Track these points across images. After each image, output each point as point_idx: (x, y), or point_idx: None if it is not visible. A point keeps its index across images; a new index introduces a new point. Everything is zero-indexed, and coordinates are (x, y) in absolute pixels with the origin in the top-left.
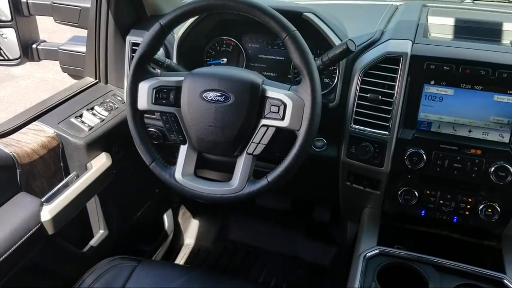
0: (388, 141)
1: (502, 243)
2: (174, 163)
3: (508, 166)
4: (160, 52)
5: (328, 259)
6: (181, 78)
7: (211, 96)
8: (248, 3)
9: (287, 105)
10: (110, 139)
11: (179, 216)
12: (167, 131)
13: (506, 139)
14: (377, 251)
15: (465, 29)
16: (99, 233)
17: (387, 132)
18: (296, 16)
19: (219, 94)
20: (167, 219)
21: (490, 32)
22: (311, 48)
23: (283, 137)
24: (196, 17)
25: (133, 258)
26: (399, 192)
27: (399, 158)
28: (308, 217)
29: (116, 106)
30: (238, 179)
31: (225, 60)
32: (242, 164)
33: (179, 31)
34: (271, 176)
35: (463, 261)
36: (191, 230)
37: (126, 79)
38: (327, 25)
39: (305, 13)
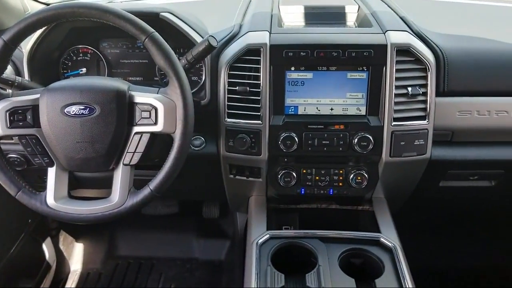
0: (262, 129)
1: (374, 205)
2: (44, 188)
3: (368, 136)
4: (9, 70)
5: (224, 254)
6: (37, 96)
7: (74, 111)
8: (99, 8)
9: (158, 109)
10: None
11: (60, 242)
12: (30, 155)
13: (363, 112)
14: (268, 235)
15: (314, 15)
16: None
17: (259, 121)
18: (153, 17)
19: (83, 107)
20: (46, 248)
21: (336, 15)
22: (174, 48)
23: (159, 141)
24: (44, 27)
25: None
26: (279, 176)
27: (274, 144)
28: (197, 216)
29: None
30: (118, 193)
31: (84, 70)
32: (120, 177)
33: (27, 44)
34: (153, 184)
35: (345, 229)
36: (76, 255)
37: None
38: (186, 23)
39: (161, 13)
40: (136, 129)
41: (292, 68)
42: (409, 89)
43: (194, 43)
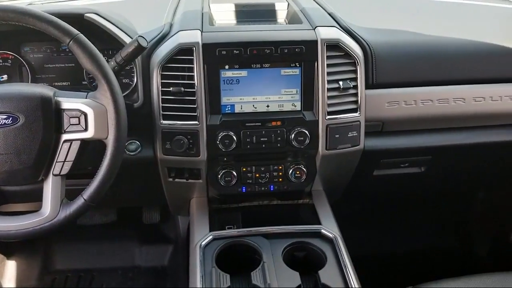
0: (199, 130)
1: (313, 198)
2: None
3: (304, 131)
4: None
5: (167, 259)
6: None
7: None
8: (17, 11)
9: (87, 114)
10: None
11: None
12: None
13: (298, 107)
14: (211, 237)
15: (245, 13)
16: None
17: (196, 122)
18: (77, 19)
19: (5, 117)
20: None
21: (266, 13)
22: (101, 50)
23: (91, 148)
24: None
25: None
26: (219, 176)
27: (213, 144)
28: (137, 223)
29: None
30: (50, 205)
31: (5, 77)
32: (50, 188)
33: None
34: (86, 193)
35: (287, 223)
36: (9, 273)
37: None
38: (113, 23)
39: (86, 14)
40: (65, 136)
41: (226, 67)
42: (341, 83)
43: (123, 44)
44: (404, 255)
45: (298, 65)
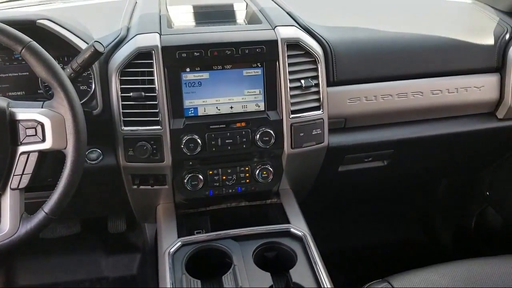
0: (162, 135)
1: (281, 197)
2: None
3: (269, 130)
4: None
5: (135, 268)
6: None
7: None
8: None
9: (44, 124)
10: None
11: None
12: None
13: (262, 107)
14: (180, 243)
15: (204, 15)
16: None
17: (159, 127)
18: (29, 26)
19: None
20: None
21: (225, 14)
22: (57, 57)
23: (51, 159)
24: None
25: None
26: (185, 181)
27: (177, 148)
28: (103, 233)
29: None
30: (9, 221)
31: None
32: (8, 203)
33: None
34: (47, 206)
35: (256, 224)
36: None
37: None
38: (67, 29)
39: (39, 21)
40: (21, 148)
41: (188, 69)
42: (302, 81)
43: (79, 50)
44: (372, 248)
45: (259, 65)
